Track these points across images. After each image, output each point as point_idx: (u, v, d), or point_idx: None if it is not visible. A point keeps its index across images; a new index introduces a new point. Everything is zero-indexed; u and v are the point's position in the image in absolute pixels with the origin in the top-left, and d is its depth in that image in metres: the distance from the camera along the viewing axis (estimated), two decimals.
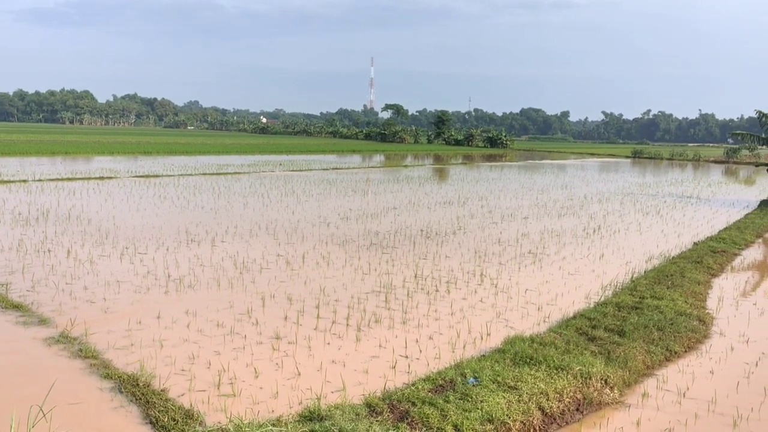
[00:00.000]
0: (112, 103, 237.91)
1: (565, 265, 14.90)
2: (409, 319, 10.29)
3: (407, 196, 28.35)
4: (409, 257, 15.09)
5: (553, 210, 24.96)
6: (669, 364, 8.86)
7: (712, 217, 24.63)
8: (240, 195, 26.17)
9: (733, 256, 16.76)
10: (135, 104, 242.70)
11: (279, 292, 11.57)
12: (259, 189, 28.68)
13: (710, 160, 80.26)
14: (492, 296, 11.92)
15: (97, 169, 35.93)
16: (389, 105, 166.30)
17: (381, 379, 7.79)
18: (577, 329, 9.67)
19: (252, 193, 26.85)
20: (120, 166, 38.95)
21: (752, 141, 33.67)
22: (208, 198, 24.78)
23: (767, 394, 7.88)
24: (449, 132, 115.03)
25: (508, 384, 7.24)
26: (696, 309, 11.25)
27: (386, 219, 21.03)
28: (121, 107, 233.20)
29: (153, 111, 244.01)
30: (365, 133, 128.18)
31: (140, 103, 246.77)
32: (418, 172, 44.91)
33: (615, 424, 7.02)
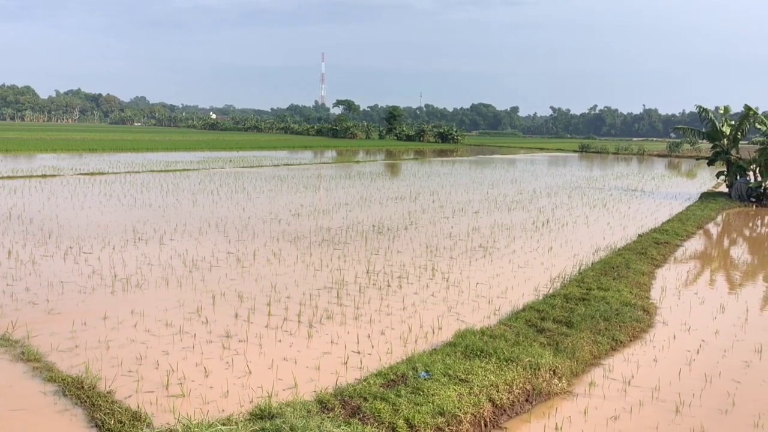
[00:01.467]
0: (55, 99, 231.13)
1: (515, 258, 15.11)
2: (361, 315, 10.29)
3: (359, 191, 28.33)
4: (361, 253, 15.09)
5: (503, 204, 25.29)
6: (615, 353, 9.07)
7: (656, 210, 25.32)
8: (189, 192, 25.74)
9: (676, 247, 17.26)
10: (79, 100, 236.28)
11: (229, 290, 11.43)
12: (208, 186, 28.27)
13: (654, 154, 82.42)
14: (443, 290, 12.01)
15: (40, 167, 34.87)
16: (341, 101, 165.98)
17: (333, 375, 7.76)
18: (527, 321, 9.81)
19: (201, 191, 26.45)
20: (63, 164, 37.88)
21: (693, 135, 34.67)
22: (155, 195, 24.30)
23: (707, 381, 8.15)
24: (401, 127, 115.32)
25: (459, 377, 7.31)
26: (640, 299, 11.54)
27: (338, 215, 20.98)
28: (64, 103, 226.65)
29: (98, 107, 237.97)
30: (317, 129, 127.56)
31: (84, 98, 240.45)
32: (369, 167, 44.92)
33: (563, 413, 7.16)
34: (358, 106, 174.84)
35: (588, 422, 6.95)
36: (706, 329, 10.25)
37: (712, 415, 7.20)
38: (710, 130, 32.35)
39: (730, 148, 31.55)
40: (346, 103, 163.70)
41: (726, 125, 31.95)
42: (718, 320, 10.78)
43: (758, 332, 10.21)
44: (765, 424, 7.02)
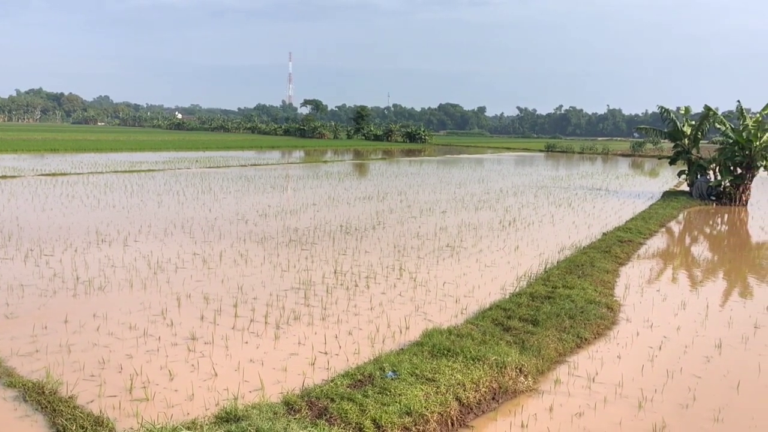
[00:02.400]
0: (16, 98, 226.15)
1: (481, 257, 15.21)
2: (328, 315, 10.26)
3: (327, 191, 28.25)
4: (329, 253, 15.05)
5: (470, 204, 25.44)
6: (580, 350, 9.19)
7: (620, 208, 25.71)
8: (154, 193, 25.40)
9: (639, 245, 17.55)
10: (40, 99, 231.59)
11: (195, 292, 11.30)
12: (174, 186, 27.92)
13: (618, 154, 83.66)
14: (411, 290, 12.04)
15: None
16: (308, 100, 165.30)
17: (300, 376, 7.73)
18: (493, 320, 9.89)
19: (167, 191, 26.11)
20: (24, 165, 37.08)
21: (655, 135, 35.29)
22: (120, 196, 23.93)
23: (669, 376, 8.30)
24: (369, 127, 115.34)
25: (426, 376, 7.33)
26: (605, 297, 11.71)
27: (306, 215, 20.90)
28: (25, 102, 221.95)
29: (60, 106, 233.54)
30: (284, 129, 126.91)
31: (46, 98, 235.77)
32: (337, 167, 44.83)
33: (529, 411, 7.22)
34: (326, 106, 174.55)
35: (553, 419, 7.03)
36: (668, 326, 10.44)
37: (673, 410, 7.33)
38: (672, 130, 32.96)
39: (691, 147, 32.18)
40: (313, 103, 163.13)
41: (687, 125, 32.58)
42: (679, 317, 10.98)
43: (718, 328, 10.43)
44: (724, 418, 7.18)
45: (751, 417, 7.25)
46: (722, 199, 29.28)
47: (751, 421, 7.14)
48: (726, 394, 7.86)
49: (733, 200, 28.78)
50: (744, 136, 28.17)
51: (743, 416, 7.26)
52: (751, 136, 28.05)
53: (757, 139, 27.96)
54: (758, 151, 28.05)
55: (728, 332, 10.22)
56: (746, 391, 7.96)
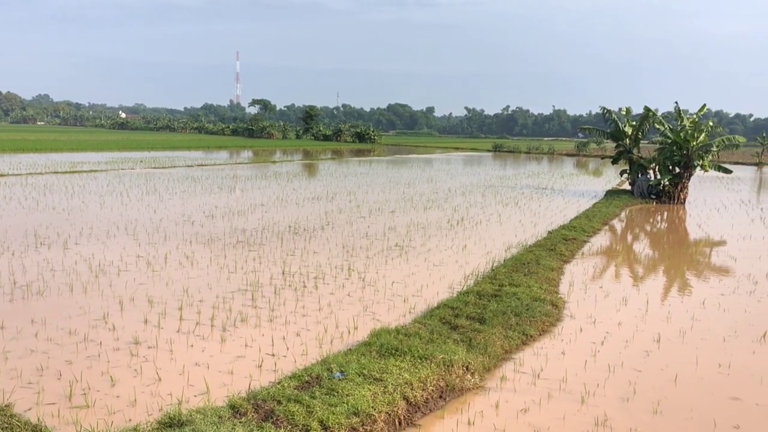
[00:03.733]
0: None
1: (430, 256, 15.31)
2: (276, 317, 10.17)
3: (275, 192, 28.02)
4: (277, 254, 14.92)
5: (419, 203, 25.58)
6: (525, 347, 9.34)
7: (565, 207, 26.23)
8: (96, 194, 24.75)
9: (583, 243, 17.94)
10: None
11: (138, 295, 11.05)
12: (117, 187, 27.26)
13: (563, 153, 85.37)
14: (359, 290, 12.03)
15: None
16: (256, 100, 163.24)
17: (246, 379, 7.64)
18: (441, 319, 9.96)
19: (110, 192, 25.47)
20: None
21: (599, 135, 36.15)
22: (60, 198, 23.24)
23: (611, 371, 8.51)
24: (318, 127, 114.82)
25: (374, 376, 7.34)
26: (550, 294, 11.93)
27: (253, 216, 20.67)
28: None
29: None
30: (232, 129, 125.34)
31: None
32: (286, 167, 44.50)
33: (475, 408, 7.30)
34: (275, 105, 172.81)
35: (499, 416, 7.12)
36: (610, 321, 10.70)
37: (614, 404, 7.52)
38: (614, 130, 33.81)
39: (632, 147, 33.08)
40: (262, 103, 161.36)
41: (628, 126, 33.47)
42: (621, 312, 11.27)
43: (657, 323, 10.74)
44: (663, 410, 7.39)
45: (689, 409, 7.48)
46: (662, 197, 30.17)
47: (689, 413, 7.37)
48: (665, 386, 8.10)
49: (672, 199, 29.69)
50: (682, 137, 29.09)
51: (681, 408, 7.49)
52: (688, 136, 28.99)
53: (694, 140, 28.91)
54: (695, 151, 29.01)
55: (667, 327, 10.54)
56: (684, 383, 8.22)
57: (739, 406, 7.59)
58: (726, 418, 7.24)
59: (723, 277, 14.57)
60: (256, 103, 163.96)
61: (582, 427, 6.93)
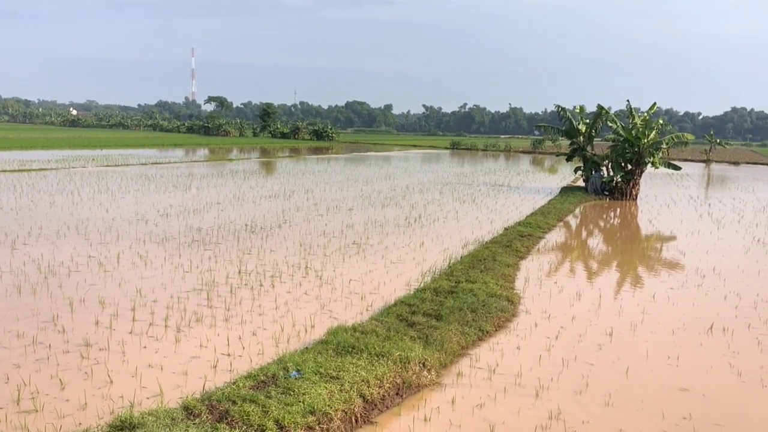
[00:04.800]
0: None
1: (387, 254, 15.33)
2: (232, 316, 10.06)
3: (232, 190, 27.71)
4: (233, 253, 14.76)
5: (377, 201, 25.60)
6: (481, 343, 9.42)
7: (521, 204, 26.56)
8: (46, 193, 24.11)
9: (538, 239, 18.20)
10: None
11: (90, 296, 10.81)
12: (68, 186, 26.60)
13: (519, 151, 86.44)
14: (317, 288, 11.99)
15: None
16: (212, 97, 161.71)
17: (201, 379, 7.54)
18: (398, 316, 9.98)
19: (60, 191, 24.84)
20: None
21: (554, 133, 36.74)
22: (7, 197, 22.57)
23: (564, 365, 8.65)
24: (275, 125, 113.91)
25: (331, 374, 7.32)
26: (506, 290, 12.06)
27: (209, 214, 20.41)
28: None
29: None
30: (188, 127, 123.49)
31: None
32: (243, 165, 44.06)
33: (432, 404, 7.34)
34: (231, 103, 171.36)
35: (455, 411, 7.17)
36: (564, 316, 10.88)
37: (568, 397, 7.65)
38: (568, 128, 34.38)
39: (586, 144, 33.68)
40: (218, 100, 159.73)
41: (582, 123, 34.06)
42: (575, 307, 11.46)
43: (610, 317, 10.96)
44: (615, 402, 7.55)
45: (640, 400, 7.65)
46: (615, 193, 30.79)
47: (640, 404, 7.54)
48: (616, 379, 8.27)
49: (625, 195, 30.32)
50: (633, 135, 29.74)
51: (632, 400, 7.65)
52: (639, 134, 29.64)
53: (645, 137, 29.58)
54: (646, 149, 29.68)
55: (619, 320, 10.76)
56: (634, 375, 8.41)
57: (688, 397, 7.80)
58: (675, 409, 7.42)
59: (672, 271, 14.94)
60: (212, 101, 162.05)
61: (536, 421, 7.03)
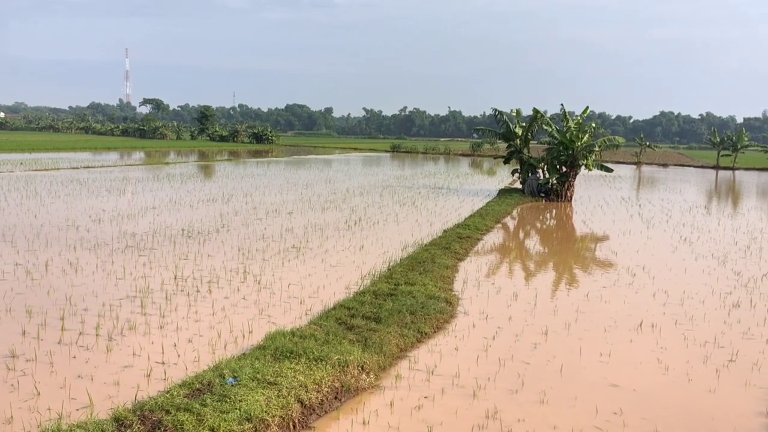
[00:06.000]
0: None
1: (327, 257, 15.28)
2: (167, 324, 9.84)
3: (168, 194, 27.13)
4: (169, 258, 14.45)
5: (317, 204, 25.49)
6: (420, 345, 9.49)
7: (460, 206, 26.88)
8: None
9: (476, 241, 18.45)
10: None
11: (16, 306, 10.40)
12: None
13: (459, 154, 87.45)
14: (255, 293, 11.85)
15: None
16: (148, 99, 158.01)
17: (133, 389, 7.34)
18: (337, 319, 9.95)
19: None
20: None
21: (492, 136, 37.33)
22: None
23: (501, 364, 8.79)
24: (213, 128, 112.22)
25: (268, 380, 7.23)
26: (444, 292, 12.18)
27: (144, 219, 19.93)
28: None
29: None
30: (122, 129, 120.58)
31: None
32: (180, 169, 43.20)
33: (371, 407, 7.35)
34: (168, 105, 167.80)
35: (394, 414, 7.20)
36: (501, 316, 11.06)
37: (504, 396, 7.77)
38: (505, 131, 35.01)
39: (522, 147, 34.36)
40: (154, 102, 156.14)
41: (518, 127, 34.75)
42: (512, 307, 11.66)
43: (545, 316, 11.19)
44: (549, 400, 7.71)
45: (573, 397, 7.83)
46: (550, 195, 31.50)
47: (573, 401, 7.72)
48: (551, 377, 8.45)
49: (560, 196, 31.06)
50: (568, 137, 30.49)
51: (566, 397, 7.83)
52: (573, 137, 30.41)
53: (579, 140, 30.36)
54: (580, 151, 30.46)
55: (554, 320, 11.00)
56: (568, 373, 8.61)
57: (619, 393, 8.03)
58: (607, 404, 7.63)
59: (605, 270, 15.38)
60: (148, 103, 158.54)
61: (473, 420, 7.12)
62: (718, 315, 11.59)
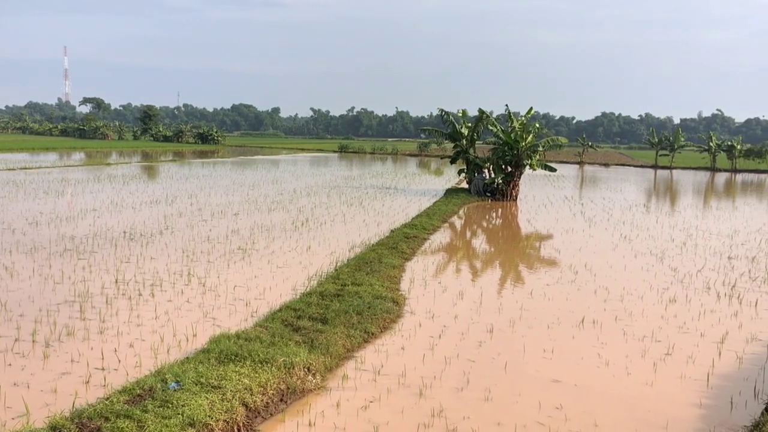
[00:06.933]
0: None
1: (274, 259, 15.15)
2: (107, 328, 9.60)
3: (110, 196, 26.47)
4: (110, 261, 14.10)
5: (263, 205, 25.25)
6: (367, 345, 9.49)
7: (407, 206, 27.01)
8: None
9: (423, 241, 18.57)
10: None
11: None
12: None
13: (406, 154, 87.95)
14: (200, 296, 11.66)
15: None
16: (88, 98, 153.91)
17: (71, 396, 7.14)
18: (283, 321, 9.88)
19: None
20: None
21: (439, 136, 37.65)
22: None
23: (447, 363, 8.87)
24: (157, 128, 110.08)
25: (212, 384, 7.12)
26: (391, 291, 12.22)
27: (84, 222, 19.40)
28: None
29: None
30: (61, 129, 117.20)
31: None
32: (123, 170, 42.21)
33: (317, 409, 7.32)
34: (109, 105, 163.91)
35: (340, 415, 7.18)
36: (448, 315, 11.15)
37: (450, 394, 7.84)
38: (452, 132, 35.35)
39: (469, 147, 34.74)
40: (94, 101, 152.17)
41: (465, 127, 35.10)
42: (457, 306, 11.78)
43: (490, 314, 11.34)
44: (494, 397, 7.82)
45: (517, 393, 7.96)
46: (496, 194, 31.94)
47: (517, 397, 7.85)
48: (495, 374, 8.57)
49: (506, 196, 31.53)
50: (512, 138, 30.98)
51: (510, 393, 7.96)
52: (518, 137, 30.92)
53: (523, 140, 30.88)
54: (524, 151, 30.98)
55: (499, 317, 11.16)
56: (512, 369, 8.75)
57: (560, 388, 8.20)
58: (549, 400, 7.78)
59: (549, 268, 15.68)
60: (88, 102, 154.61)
61: (419, 419, 7.16)
62: (655, 310, 11.95)
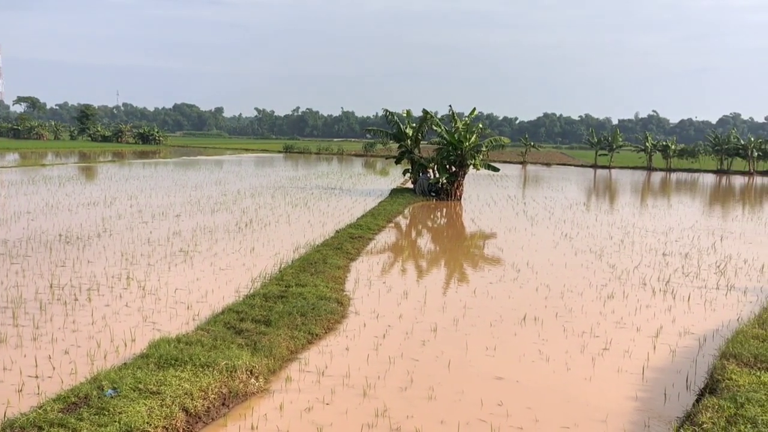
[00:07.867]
0: None
1: (216, 260, 14.92)
2: (41, 335, 9.29)
3: (45, 198, 25.62)
4: (45, 266, 13.65)
5: (206, 206, 24.85)
6: (311, 346, 9.44)
7: (352, 206, 26.98)
8: None
9: (368, 241, 18.58)
10: None
11: None
12: None
13: (352, 154, 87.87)
14: (139, 300, 11.39)
15: None
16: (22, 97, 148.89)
17: (3, 406, 6.87)
18: (225, 324, 9.74)
19: None
20: None
21: (384, 136, 37.74)
22: None
23: (391, 362, 8.90)
24: (95, 127, 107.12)
25: (151, 389, 6.96)
26: (336, 292, 12.18)
27: (17, 225, 18.72)
28: None
29: None
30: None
31: None
32: (59, 171, 40.92)
33: (260, 412, 7.24)
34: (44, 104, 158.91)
35: (283, 417, 7.12)
36: (392, 315, 11.19)
37: (394, 394, 7.87)
38: (396, 132, 35.51)
39: (413, 148, 34.96)
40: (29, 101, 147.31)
41: (409, 127, 35.32)
42: (402, 305, 11.83)
43: (434, 313, 11.43)
44: (437, 395, 7.88)
45: (460, 391, 8.04)
46: (441, 194, 32.22)
47: (460, 395, 7.93)
48: (439, 373, 8.64)
49: (450, 195, 31.83)
50: (456, 138, 31.30)
51: (453, 391, 8.03)
52: (461, 137, 31.25)
53: (467, 141, 31.24)
54: (468, 151, 31.34)
55: (442, 316, 11.25)
56: (455, 368, 8.83)
57: (502, 385, 8.33)
58: (491, 397, 7.89)
59: (492, 266, 15.90)
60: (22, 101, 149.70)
61: (363, 419, 7.16)
62: (594, 306, 12.25)
